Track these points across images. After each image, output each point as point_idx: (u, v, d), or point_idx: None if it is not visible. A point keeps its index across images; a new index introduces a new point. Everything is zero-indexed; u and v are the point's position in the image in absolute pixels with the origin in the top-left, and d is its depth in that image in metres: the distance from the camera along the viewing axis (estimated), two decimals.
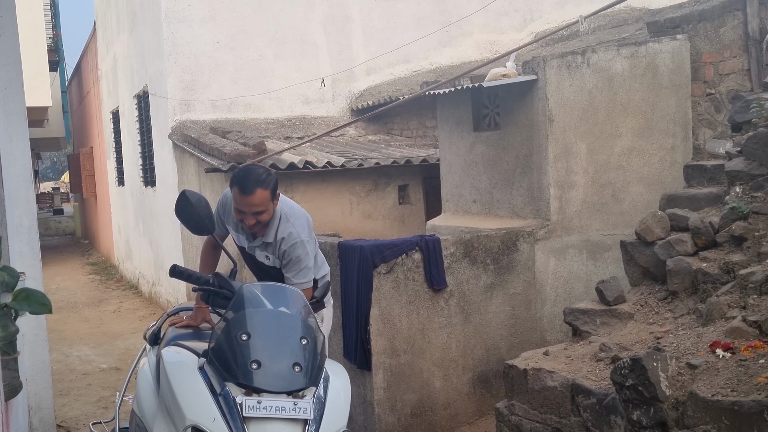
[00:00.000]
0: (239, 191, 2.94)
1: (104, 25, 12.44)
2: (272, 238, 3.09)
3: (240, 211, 2.99)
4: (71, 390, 5.95)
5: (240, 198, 2.95)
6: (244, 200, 2.94)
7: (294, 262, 3.06)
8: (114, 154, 12.37)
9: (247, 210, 2.95)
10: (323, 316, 3.30)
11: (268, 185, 2.97)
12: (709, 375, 2.57)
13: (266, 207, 2.97)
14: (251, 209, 2.94)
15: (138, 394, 3.08)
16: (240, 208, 2.98)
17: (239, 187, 2.94)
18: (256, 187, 2.92)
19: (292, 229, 3.07)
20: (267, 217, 3.00)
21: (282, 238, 3.06)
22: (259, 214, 2.96)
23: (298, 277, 3.08)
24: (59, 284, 11.81)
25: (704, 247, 3.37)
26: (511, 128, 4.87)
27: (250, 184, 2.92)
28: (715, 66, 4.85)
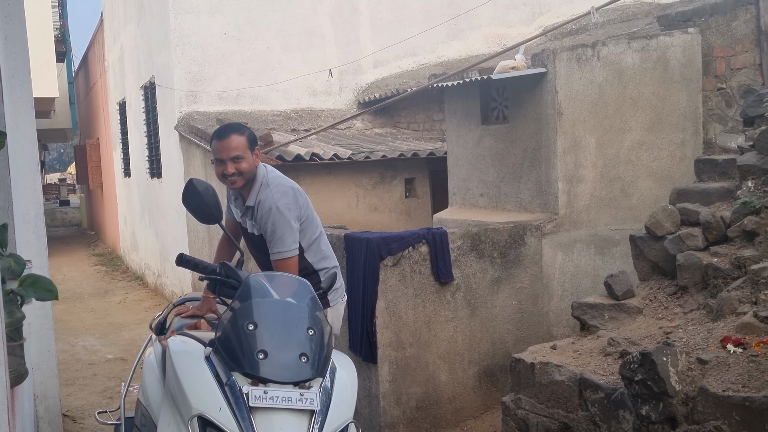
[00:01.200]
0: (216, 139, 3.02)
1: (111, 15, 12.42)
2: (253, 202, 3.09)
3: (219, 161, 3.02)
4: (77, 380, 5.96)
5: (217, 145, 3.02)
6: (220, 146, 3.00)
7: (270, 230, 3.02)
8: (120, 145, 12.38)
9: (224, 156, 2.99)
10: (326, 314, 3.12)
11: (243, 132, 3.04)
12: (719, 370, 2.54)
13: (243, 153, 3.00)
14: (228, 154, 2.98)
15: (144, 383, 3.07)
16: (218, 156, 3.02)
17: (216, 135, 3.04)
18: (231, 133, 3.02)
19: (269, 194, 3.05)
20: (246, 166, 3.01)
21: (259, 201, 3.05)
22: (236, 160, 2.98)
23: (275, 245, 3.02)
24: (65, 275, 11.84)
25: (715, 242, 3.33)
26: (519, 121, 4.83)
27: (226, 130, 3.04)
28: (726, 60, 4.80)
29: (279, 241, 3.01)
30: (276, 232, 3.01)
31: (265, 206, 3.02)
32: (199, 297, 3.30)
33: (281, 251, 3.02)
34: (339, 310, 3.38)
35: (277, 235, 3.01)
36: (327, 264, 3.31)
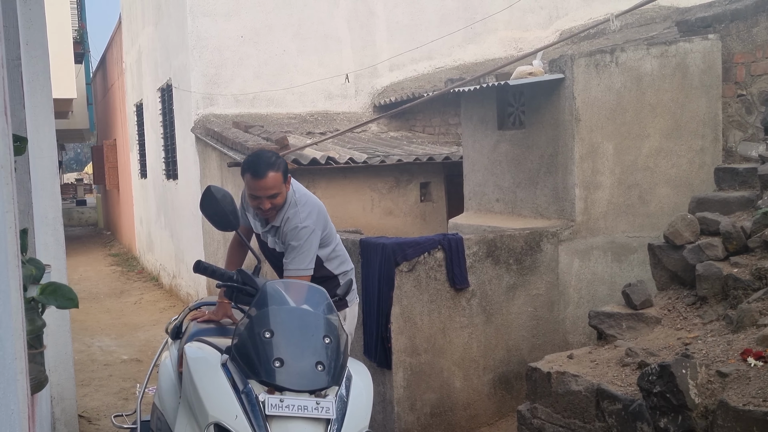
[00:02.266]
0: (252, 176, 2.99)
1: (129, 18, 12.52)
2: (279, 222, 3.12)
3: (254, 197, 3.02)
4: (92, 380, 6.01)
5: (253, 183, 3.00)
6: (257, 185, 2.99)
7: (292, 247, 3.06)
8: (137, 146, 12.47)
9: (261, 194, 3.00)
10: (346, 314, 3.28)
11: (279, 167, 3.02)
12: (740, 384, 2.51)
13: (279, 189, 3.02)
14: (265, 192, 2.99)
15: (159, 388, 3.09)
16: (254, 194, 3.02)
17: (251, 172, 2.99)
18: (268, 170, 2.98)
19: (297, 214, 3.09)
20: (281, 200, 3.05)
21: (287, 219, 3.08)
22: (273, 197, 3.01)
23: (293, 262, 3.05)
24: (81, 274, 11.94)
25: (735, 252, 3.29)
26: (536, 127, 4.81)
27: (262, 168, 2.98)
28: (747, 66, 4.74)
29: (298, 259, 3.05)
30: (298, 249, 3.05)
31: (292, 225, 3.07)
32: (215, 301, 3.31)
33: (298, 269, 3.05)
34: (354, 311, 3.46)
35: (297, 253, 3.05)
36: (345, 267, 3.40)
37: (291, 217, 3.08)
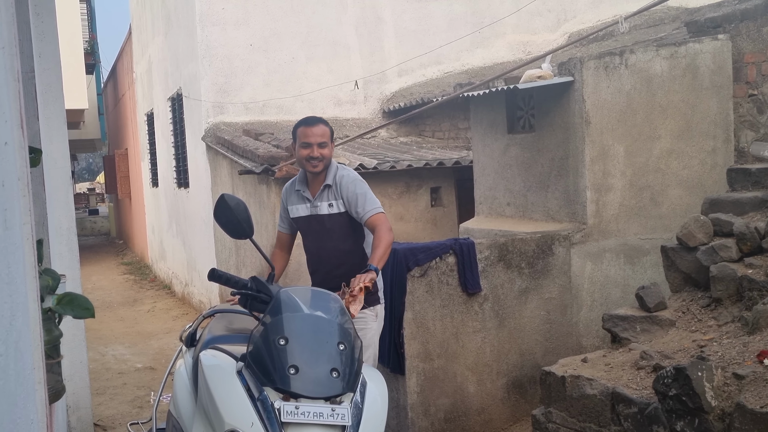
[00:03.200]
0: (305, 126, 3.36)
1: (139, 28, 12.63)
2: (332, 180, 3.37)
3: (306, 145, 3.31)
4: (107, 389, 6.04)
5: (306, 130, 3.34)
6: (309, 131, 3.33)
7: (360, 194, 3.30)
8: (148, 155, 12.55)
9: (312, 140, 3.30)
10: (377, 312, 3.40)
11: (327, 125, 3.39)
12: (756, 386, 2.49)
13: (327, 141, 3.33)
14: (316, 139, 3.30)
15: (175, 395, 3.10)
16: (306, 140, 3.32)
17: (304, 123, 3.38)
18: (319, 122, 3.38)
19: (349, 172, 3.41)
20: (328, 153, 3.34)
21: (342, 176, 3.36)
22: (322, 146, 3.31)
23: (368, 203, 3.28)
24: (95, 283, 12.02)
25: (750, 253, 3.27)
26: (546, 130, 4.80)
27: (314, 119, 3.40)
28: (757, 66, 4.72)
29: (370, 200, 3.30)
30: (365, 194, 3.31)
31: (351, 177, 3.36)
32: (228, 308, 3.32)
33: (375, 207, 3.29)
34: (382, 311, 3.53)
35: (367, 197, 3.30)
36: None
37: (345, 174, 3.37)
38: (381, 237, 3.21)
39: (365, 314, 3.33)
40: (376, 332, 3.43)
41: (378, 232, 3.24)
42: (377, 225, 3.25)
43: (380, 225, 3.25)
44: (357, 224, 3.40)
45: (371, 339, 3.37)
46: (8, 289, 1.10)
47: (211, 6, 8.05)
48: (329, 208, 3.39)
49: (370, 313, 3.38)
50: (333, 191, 3.37)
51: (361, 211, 3.29)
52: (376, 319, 3.41)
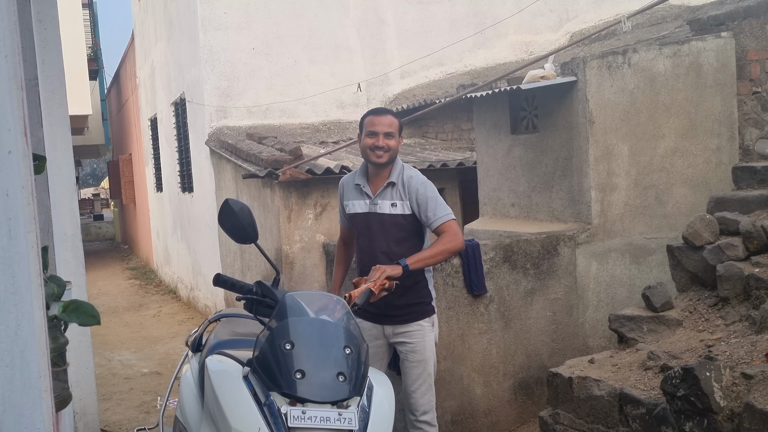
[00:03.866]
0: (373, 114, 3.24)
1: (142, 33, 12.66)
2: (396, 178, 3.20)
3: (372, 134, 3.17)
4: (114, 394, 6.05)
5: (375, 119, 3.20)
6: (377, 120, 3.19)
7: (431, 198, 3.14)
8: (152, 160, 12.58)
9: (379, 130, 3.16)
10: (433, 321, 3.31)
11: (396, 117, 3.26)
12: (765, 386, 2.48)
13: (395, 132, 3.19)
14: (384, 128, 3.16)
15: (181, 401, 3.10)
16: (374, 129, 3.18)
17: (372, 112, 3.27)
18: (388, 113, 3.26)
19: (417, 174, 3.24)
20: (394, 144, 3.18)
21: (410, 176, 3.19)
22: (389, 137, 3.16)
23: (440, 209, 3.12)
24: (100, 289, 12.04)
25: (756, 252, 3.26)
26: (549, 130, 4.79)
27: (383, 110, 3.30)
28: (761, 63, 4.70)
29: (441, 206, 3.14)
30: (436, 199, 3.14)
31: (420, 179, 3.18)
32: (234, 313, 3.32)
33: (446, 213, 3.12)
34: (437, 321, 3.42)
35: (438, 202, 3.13)
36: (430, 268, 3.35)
37: (414, 175, 3.21)
38: (440, 241, 3.10)
39: (422, 326, 3.24)
40: (433, 345, 3.33)
41: (442, 237, 3.12)
42: (446, 231, 3.12)
43: (448, 231, 3.12)
44: (419, 229, 3.24)
45: (430, 351, 3.27)
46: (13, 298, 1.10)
47: (213, 10, 8.07)
48: (392, 207, 3.22)
49: (426, 324, 3.27)
50: (398, 191, 3.20)
51: (432, 216, 3.13)
52: (433, 328, 3.31)
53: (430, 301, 3.28)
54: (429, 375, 3.28)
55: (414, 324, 3.24)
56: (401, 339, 3.26)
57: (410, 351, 3.25)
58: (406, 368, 3.28)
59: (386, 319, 3.26)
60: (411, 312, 3.24)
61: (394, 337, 3.28)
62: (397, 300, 3.13)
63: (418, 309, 3.25)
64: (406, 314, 3.24)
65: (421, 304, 3.26)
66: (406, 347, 3.26)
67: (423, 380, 3.26)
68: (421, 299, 3.26)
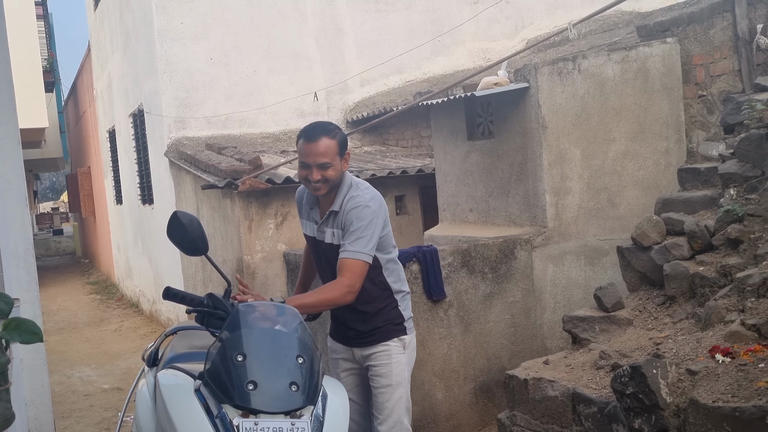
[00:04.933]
0: (304, 140, 2.75)
1: (98, 45, 12.48)
2: (339, 206, 2.80)
3: (304, 165, 2.76)
4: (73, 412, 5.93)
5: (304, 147, 2.75)
6: (307, 149, 2.73)
7: (356, 229, 2.71)
8: (111, 172, 12.39)
9: (311, 161, 2.72)
10: (405, 342, 2.95)
11: (335, 136, 2.76)
12: (709, 381, 2.56)
13: (332, 159, 2.72)
14: (315, 159, 2.71)
15: (137, 416, 3.06)
16: (304, 160, 2.75)
17: (304, 135, 2.77)
18: (322, 135, 2.73)
19: (360, 195, 2.79)
20: (333, 174, 2.74)
21: (349, 198, 2.78)
22: (324, 167, 2.71)
23: (352, 244, 2.69)
24: (60, 305, 11.79)
25: (701, 251, 3.36)
26: (505, 136, 4.87)
27: (316, 132, 2.76)
28: (706, 68, 4.86)
29: (358, 240, 2.69)
30: (358, 231, 2.70)
31: (355, 203, 2.75)
32: (192, 326, 3.29)
33: (356, 251, 2.68)
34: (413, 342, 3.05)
35: (357, 235, 2.70)
36: (403, 287, 3.02)
37: (354, 196, 2.77)
38: (327, 286, 2.72)
39: (389, 346, 2.89)
40: (405, 367, 2.94)
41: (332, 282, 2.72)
42: (340, 272, 2.70)
43: (341, 275, 2.68)
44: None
45: (399, 375, 2.89)
46: None
47: (169, 21, 8.00)
48: (332, 237, 2.84)
49: (394, 345, 2.91)
50: (339, 219, 2.81)
51: (343, 245, 2.73)
52: (404, 350, 2.93)
53: (402, 321, 2.94)
54: (398, 404, 2.88)
55: (380, 345, 2.90)
56: (368, 362, 2.94)
57: (376, 375, 2.91)
58: (373, 394, 2.93)
59: (354, 341, 2.97)
60: (374, 333, 2.91)
61: (363, 360, 2.97)
62: (363, 326, 2.91)
63: (383, 330, 2.91)
64: (371, 335, 2.92)
65: (387, 325, 2.92)
66: (372, 371, 2.93)
67: (390, 410, 2.87)
68: (388, 321, 2.92)
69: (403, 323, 2.94)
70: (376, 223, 2.76)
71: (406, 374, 2.94)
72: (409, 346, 2.96)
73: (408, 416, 2.94)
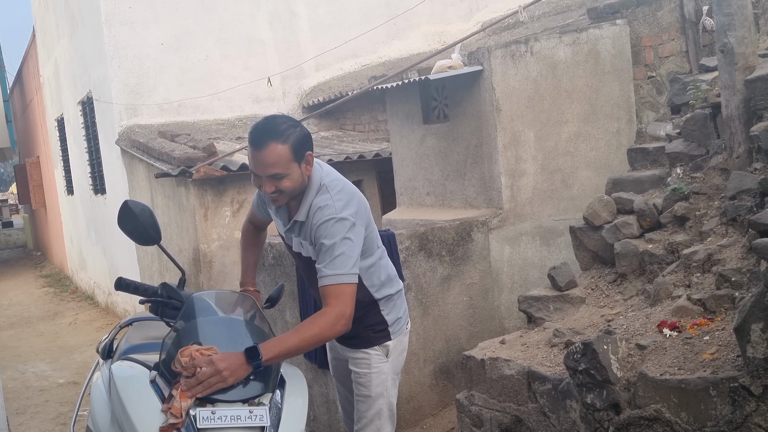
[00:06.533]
0: (250, 146, 2.34)
1: (43, 30, 12.08)
2: (305, 216, 2.40)
3: (255, 175, 2.36)
4: (28, 408, 5.80)
5: (251, 155, 2.34)
6: (255, 158, 2.32)
7: (325, 246, 2.28)
8: (61, 162, 12.05)
9: (259, 172, 2.32)
10: (388, 349, 2.62)
11: (287, 139, 2.29)
12: (657, 355, 2.63)
13: (285, 169, 2.30)
14: (264, 170, 2.30)
15: (92, 409, 3.01)
16: (255, 171, 2.35)
17: (249, 140, 2.34)
18: (269, 140, 2.28)
19: (329, 201, 2.34)
20: (289, 184, 2.33)
21: (316, 210, 2.35)
22: (276, 178, 2.30)
23: (329, 266, 2.27)
24: (11, 299, 11.48)
25: (649, 229, 3.44)
26: (460, 119, 4.90)
27: (263, 137, 2.29)
28: (654, 49, 4.95)
29: (336, 261, 2.27)
30: (332, 249, 2.28)
31: (324, 216, 2.32)
32: (147, 317, 3.24)
33: (338, 274, 2.27)
34: (403, 342, 2.73)
35: (332, 253, 2.28)
36: (390, 290, 2.64)
37: (321, 206, 2.34)
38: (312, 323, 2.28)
39: (368, 354, 2.59)
40: (387, 376, 2.62)
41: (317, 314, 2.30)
42: (324, 300, 2.30)
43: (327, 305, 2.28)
44: None
45: (379, 386, 2.59)
46: None
47: (117, 5, 7.79)
48: (300, 247, 2.51)
49: (374, 353, 2.60)
50: (306, 230, 2.43)
51: (320, 267, 2.31)
52: (387, 358, 2.62)
53: (385, 327, 2.61)
54: (378, 414, 2.61)
55: (360, 352, 2.62)
56: (350, 364, 2.68)
57: (356, 382, 2.65)
58: (355, 399, 2.69)
59: (337, 339, 2.67)
60: (356, 338, 2.61)
61: (346, 358, 2.71)
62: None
63: (364, 337, 2.61)
64: (353, 338, 2.61)
65: (367, 331, 2.61)
66: (353, 375, 2.66)
67: (369, 420, 2.62)
68: (368, 328, 2.61)
69: (387, 329, 2.61)
70: (354, 233, 2.34)
71: (389, 383, 2.63)
72: (393, 351, 2.64)
73: (391, 424, 2.67)
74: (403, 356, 2.72)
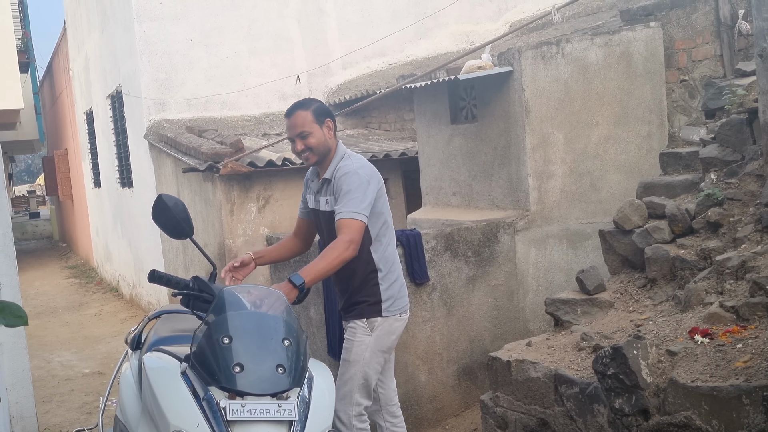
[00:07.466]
0: (286, 117, 3.08)
1: (74, 24, 12.25)
2: (331, 174, 3.00)
3: (291, 140, 3.07)
4: (54, 396, 5.89)
5: (287, 123, 3.07)
6: (288, 124, 3.05)
7: (345, 192, 2.88)
8: (89, 155, 12.22)
9: (290, 134, 3.04)
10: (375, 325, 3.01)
11: (308, 106, 3.03)
12: (688, 361, 2.60)
13: (310, 128, 2.98)
14: (293, 131, 3.01)
15: (121, 399, 3.05)
16: (288, 135, 3.09)
17: (286, 114, 3.09)
18: (297, 109, 3.02)
19: (350, 162, 2.98)
20: (315, 141, 2.98)
21: (339, 168, 2.98)
22: (303, 137, 2.98)
23: (346, 205, 2.85)
24: (38, 289, 11.66)
25: (681, 234, 3.40)
26: (488, 120, 4.88)
27: (292, 108, 3.06)
28: (688, 52, 4.89)
29: (350, 201, 2.85)
30: (350, 192, 2.87)
31: (345, 169, 2.94)
32: (175, 309, 3.28)
33: (350, 211, 2.84)
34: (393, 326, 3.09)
35: (350, 196, 2.86)
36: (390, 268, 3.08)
37: (343, 166, 2.96)
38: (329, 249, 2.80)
39: (355, 325, 3.02)
40: (367, 348, 3.00)
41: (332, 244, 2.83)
42: (338, 232, 2.83)
43: (340, 234, 2.81)
44: None
45: (358, 355, 3.00)
46: None
47: (148, 1, 7.87)
48: (326, 204, 3.03)
49: (361, 324, 3.02)
50: (331, 187, 3.00)
51: (337, 208, 2.89)
52: (371, 333, 3.00)
53: (376, 302, 3.00)
54: (351, 379, 3.00)
55: (351, 322, 3.06)
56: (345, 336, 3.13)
57: (343, 349, 3.10)
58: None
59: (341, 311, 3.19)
60: (352, 309, 3.06)
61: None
62: (344, 300, 3.08)
63: (358, 308, 3.03)
64: (349, 310, 3.08)
65: (362, 303, 3.02)
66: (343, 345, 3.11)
67: (344, 383, 3.01)
68: (363, 298, 3.02)
69: (379, 303, 3.00)
70: (366, 187, 2.91)
71: (367, 355, 3.01)
72: (379, 328, 3.01)
73: (363, 394, 3.03)
74: (390, 338, 3.09)
